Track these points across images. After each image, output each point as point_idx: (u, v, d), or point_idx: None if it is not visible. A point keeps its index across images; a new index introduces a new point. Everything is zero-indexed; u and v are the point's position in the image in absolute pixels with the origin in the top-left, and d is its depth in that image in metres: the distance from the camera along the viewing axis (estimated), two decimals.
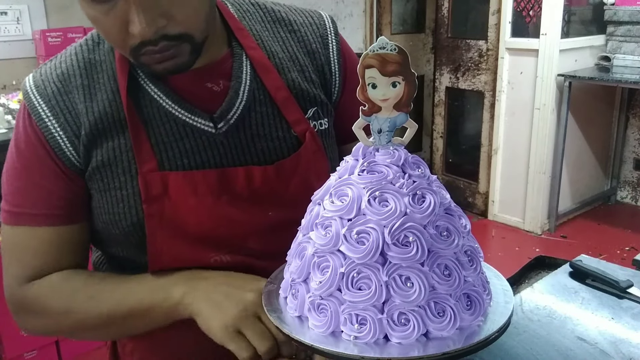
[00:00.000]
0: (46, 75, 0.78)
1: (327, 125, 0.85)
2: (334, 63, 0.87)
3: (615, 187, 3.94)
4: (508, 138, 3.53)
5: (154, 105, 0.76)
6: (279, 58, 0.82)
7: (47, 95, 0.76)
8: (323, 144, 0.83)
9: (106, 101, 0.76)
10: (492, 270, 0.72)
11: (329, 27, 0.88)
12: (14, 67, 2.52)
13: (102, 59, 0.78)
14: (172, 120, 0.76)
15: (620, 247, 3.23)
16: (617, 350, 0.83)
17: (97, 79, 0.77)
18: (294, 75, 0.82)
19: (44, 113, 0.75)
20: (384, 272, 0.57)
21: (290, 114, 0.81)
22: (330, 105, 0.86)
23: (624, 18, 3.30)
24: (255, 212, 0.78)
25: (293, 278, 0.64)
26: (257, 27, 0.84)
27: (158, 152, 0.76)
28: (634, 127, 3.79)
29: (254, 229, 0.79)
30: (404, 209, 0.58)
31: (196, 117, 0.77)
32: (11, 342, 2.10)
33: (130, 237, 0.77)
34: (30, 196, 0.77)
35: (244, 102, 0.79)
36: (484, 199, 3.78)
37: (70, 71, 0.77)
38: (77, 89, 0.76)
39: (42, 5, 2.53)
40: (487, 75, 3.61)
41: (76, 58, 0.78)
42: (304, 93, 0.82)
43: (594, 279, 1.02)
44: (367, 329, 0.57)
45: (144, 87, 0.77)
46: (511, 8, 3.30)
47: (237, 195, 0.77)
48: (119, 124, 0.75)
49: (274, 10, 0.87)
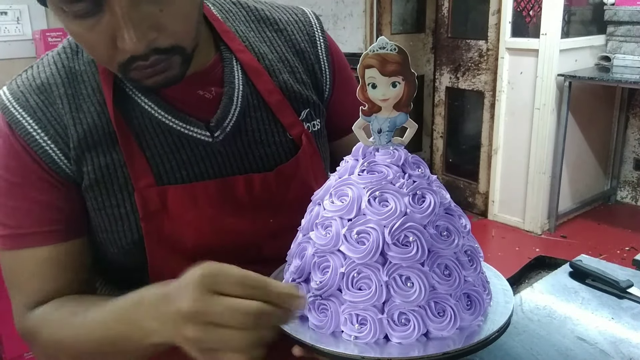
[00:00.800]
0: (24, 86, 0.73)
1: (319, 126, 0.83)
2: (323, 61, 0.85)
3: (615, 187, 3.94)
4: (508, 138, 3.53)
5: (145, 116, 0.73)
6: (269, 60, 0.80)
7: (31, 107, 0.71)
8: (317, 145, 0.82)
9: (94, 113, 0.71)
10: (492, 270, 0.72)
11: (314, 24, 0.86)
12: (14, 67, 2.51)
13: (83, 69, 0.73)
14: (166, 131, 0.73)
15: (620, 247, 3.23)
16: (617, 350, 0.83)
17: (81, 90, 0.72)
18: (285, 77, 0.80)
19: (30, 126, 0.70)
20: (384, 272, 0.57)
21: (285, 117, 0.79)
22: (322, 105, 0.84)
23: (624, 18, 3.30)
24: (256, 220, 0.76)
25: (293, 278, 0.64)
26: (242, 28, 0.81)
27: (154, 166, 0.72)
28: (634, 127, 3.79)
29: (255, 237, 0.77)
30: (404, 209, 0.58)
31: (192, 126, 0.73)
32: (11, 342, 2.09)
33: (130, 256, 0.74)
34: (28, 214, 0.72)
35: (239, 108, 0.76)
36: (484, 199, 3.78)
37: (51, 80, 0.72)
38: (61, 99, 0.72)
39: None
40: (487, 75, 3.61)
41: (55, 67, 0.74)
42: (296, 95, 0.80)
43: (594, 279, 1.03)
44: (367, 329, 0.57)
45: (132, 98, 0.73)
46: (511, 8, 3.30)
47: (237, 205, 0.75)
48: (109, 137, 0.71)
49: (257, 9, 0.84)
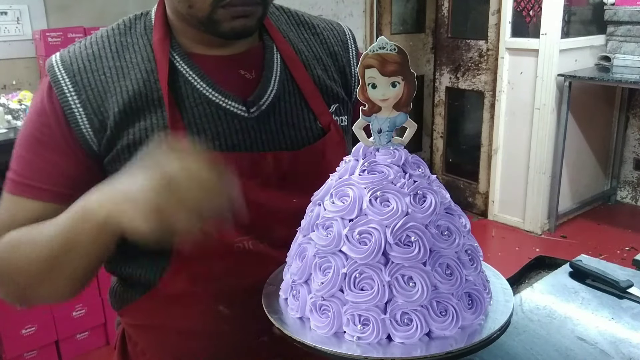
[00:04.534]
0: (74, 53, 0.79)
1: (346, 123, 0.89)
2: (354, 66, 0.92)
3: (615, 187, 3.94)
4: (508, 138, 3.53)
5: (188, 87, 0.78)
6: (305, 56, 0.87)
7: (73, 70, 0.77)
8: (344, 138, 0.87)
9: (140, 80, 0.77)
10: (491, 269, 0.72)
11: (348, 35, 0.94)
12: (14, 67, 2.51)
13: (135, 40, 0.80)
14: (205, 102, 0.78)
15: (620, 247, 3.23)
16: (617, 350, 0.83)
17: (130, 59, 0.78)
18: (319, 72, 0.86)
19: (67, 87, 0.76)
20: (387, 272, 0.57)
21: (316, 106, 0.84)
22: (350, 104, 0.91)
23: (624, 18, 3.30)
24: (282, 197, 0.80)
25: (294, 279, 0.64)
26: (283, 27, 0.88)
27: (191, 133, 0.77)
28: (634, 127, 3.79)
29: (278, 215, 0.80)
30: (406, 209, 0.58)
31: (230, 100, 0.79)
32: (11, 342, 2.09)
33: None
34: (35, 168, 0.77)
35: (275, 90, 0.82)
36: (484, 199, 3.78)
37: (102, 53, 0.79)
38: (110, 70, 0.77)
39: (42, 5, 2.53)
40: (487, 75, 3.61)
41: (108, 41, 0.80)
42: (327, 89, 0.86)
43: (594, 279, 1.03)
44: (370, 329, 0.57)
45: (179, 70, 0.79)
46: (511, 8, 3.30)
47: (265, 180, 0.79)
48: (152, 103, 0.77)
49: (297, 14, 0.92)
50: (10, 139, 2.08)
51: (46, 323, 2.15)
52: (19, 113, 2.23)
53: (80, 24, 2.46)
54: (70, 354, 2.27)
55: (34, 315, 2.11)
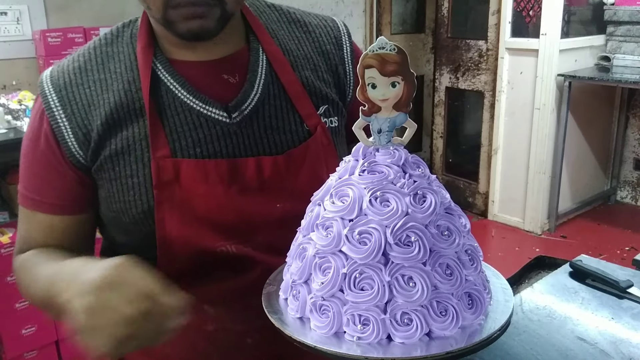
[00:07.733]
0: (63, 67, 0.81)
1: (337, 124, 0.87)
2: (348, 64, 0.89)
3: (615, 187, 3.94)
4: (508, 138, 3.53)
5: (169, 95, 0.78)
6: (294, 56, 0.85)
7: (59, 85, 0.79)
8: (333, 140, 0.85)
9: (122, 91, 0.78)
10: (491, 269, 0.72)
11: (342, 31, 0.91)
12: (14, 67, 2.51)
13: (121, 49, 0.81)
14: (186, 110, 0.78)
15: (620, 247, 3.23)
16: (617, 350, 0.83)
17: (114, 69, 0.79)
18: (307, 73, 0.85)
19: (53, 103, 0.78)
20: (387, 272, 0.57)
21: (303, 108, 0.83)
22: (341, 105, 0.88)
23: (624, 18, 3.30)
24: (264, 202, 0.79)
25: (294, 279, 0.64)
26: (273, 26, 0.87)
27: (171, 141, 0.77)
28: (634, 127, 3.79)
29: (262, 220, 0.80)
30: (406, 209, 0.58)
31: (210, 107, 0.78)
32: (11, 342, 2.09)
33: (141, 225, 0.78)
34: (39, 186, 0.81)
35: (259, 94, 0.81)
36: (484, 199, 3.78)
37: (88, 65, 0.80)
38: (95, 83, 0.79)
39: (42, 5, 2.53)
40: (487, 75, 3.61)
41: (94, 52, 0.81)
42: (316, 90, 0.85)
43: (594, 279, 1.03)
44: (370, 329, 0.57)
45: (161, 79, 0.79)
46: (511, 8, 3.30)
47: (247, 186, 0.79)
48: (134, 113, 0.77)
49: (289, 12, 0.90)
50: (11, 139, 2.08)
51: (46, 323, 2.15)
52: (19, 113, 2.23)
53: (80, 24, 2.46)
54: (70, 354, 2.27)
55: (34, 315, 2.10)
